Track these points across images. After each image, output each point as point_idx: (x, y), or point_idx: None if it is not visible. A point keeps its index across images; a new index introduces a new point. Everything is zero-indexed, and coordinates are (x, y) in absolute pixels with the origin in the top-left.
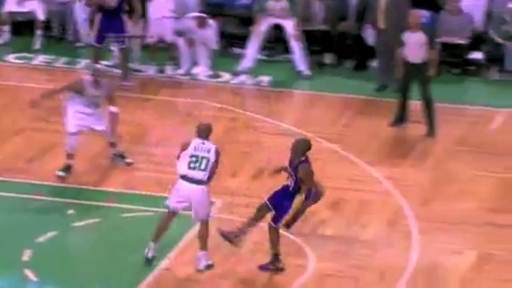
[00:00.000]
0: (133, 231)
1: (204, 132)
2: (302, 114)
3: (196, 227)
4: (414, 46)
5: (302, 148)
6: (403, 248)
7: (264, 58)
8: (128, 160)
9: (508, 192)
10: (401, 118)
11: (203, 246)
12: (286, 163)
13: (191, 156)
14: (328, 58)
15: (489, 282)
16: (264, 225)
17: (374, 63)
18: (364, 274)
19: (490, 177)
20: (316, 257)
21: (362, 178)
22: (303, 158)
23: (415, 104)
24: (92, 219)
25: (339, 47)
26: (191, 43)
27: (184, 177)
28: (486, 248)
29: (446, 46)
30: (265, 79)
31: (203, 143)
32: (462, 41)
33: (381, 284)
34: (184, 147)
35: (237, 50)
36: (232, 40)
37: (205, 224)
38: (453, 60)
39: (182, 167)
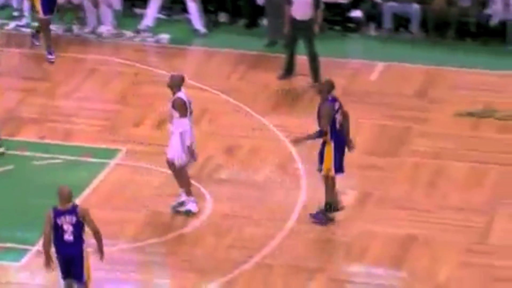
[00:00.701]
0: (44, 177)
1: (182, 82)
2: (199, 68)
3: (104, 173)
4: (301, 5)
5: (324, 89)
6: (292, 189)
7: (164, 17)
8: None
9: (385, 137)
10: (289, 71)
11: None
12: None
13: (188, 107)
14: (222, 17)
15: (368, 218)
16: (163, 171)
17: (264, 21)
18: (257, 213)
19: (369, 124)
20: (213, 199)
21: (254, 126)
22: (329, 97)
23: (302, 58)
24: (6, 166)
25: (232, 6)
26: (96, 4)
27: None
28: (366, 188)
29: (329, 5)
30: (164, 36)
31: (184, 94)
32: (343, 1)
33: (272, 222)
34: (185, 106)
35: (138, 10)
36: (134, 1)
37: None
38: (335, 18)
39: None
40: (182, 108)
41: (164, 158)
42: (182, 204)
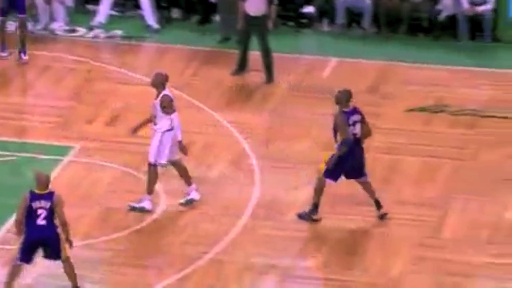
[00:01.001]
0: None
1: (166, 81)
2: (152, 65)
3: (58, 170)
4: (255, 1)
5: (342, 98)
6: (246, 185)
7: (116, 13)
8: None
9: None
10: (242, 67)
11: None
12: (140, 109)
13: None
14: (175, 13)
15: (323, 214)
16: (117, 167)
17: (217, 18)
18: (211, 209)
19: (322, 119)
20: (167, 195)
21: (208, 123)
22: (346, 110)
23: (255, 54)
24: None
25: (185, 2)
26: (48, 0)
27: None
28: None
29: (282, 1)
30: (117, 33)
31: (169, 91)
32: None
33: (226, 218)
34: (172, 103)
35: (91, 7)
36: None
37: None
38: (288, 14)
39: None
40: (170, 104)
41: (117, 155)
42: (190, 201)
